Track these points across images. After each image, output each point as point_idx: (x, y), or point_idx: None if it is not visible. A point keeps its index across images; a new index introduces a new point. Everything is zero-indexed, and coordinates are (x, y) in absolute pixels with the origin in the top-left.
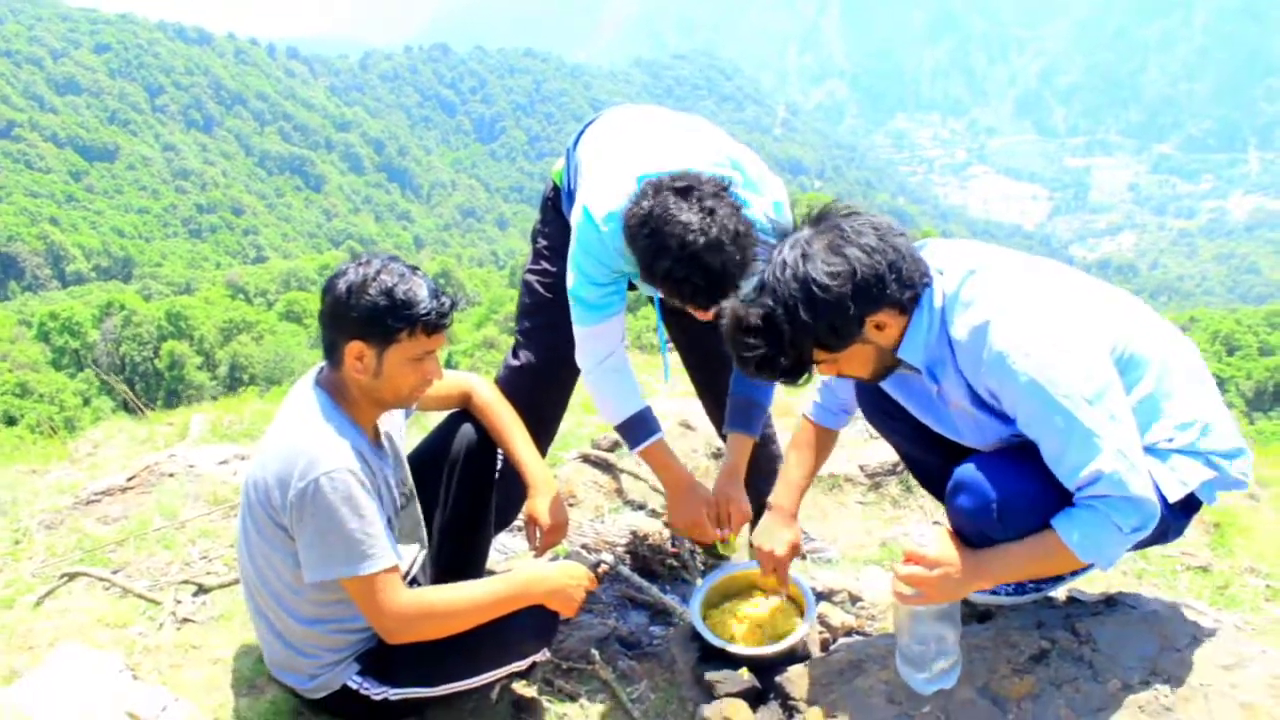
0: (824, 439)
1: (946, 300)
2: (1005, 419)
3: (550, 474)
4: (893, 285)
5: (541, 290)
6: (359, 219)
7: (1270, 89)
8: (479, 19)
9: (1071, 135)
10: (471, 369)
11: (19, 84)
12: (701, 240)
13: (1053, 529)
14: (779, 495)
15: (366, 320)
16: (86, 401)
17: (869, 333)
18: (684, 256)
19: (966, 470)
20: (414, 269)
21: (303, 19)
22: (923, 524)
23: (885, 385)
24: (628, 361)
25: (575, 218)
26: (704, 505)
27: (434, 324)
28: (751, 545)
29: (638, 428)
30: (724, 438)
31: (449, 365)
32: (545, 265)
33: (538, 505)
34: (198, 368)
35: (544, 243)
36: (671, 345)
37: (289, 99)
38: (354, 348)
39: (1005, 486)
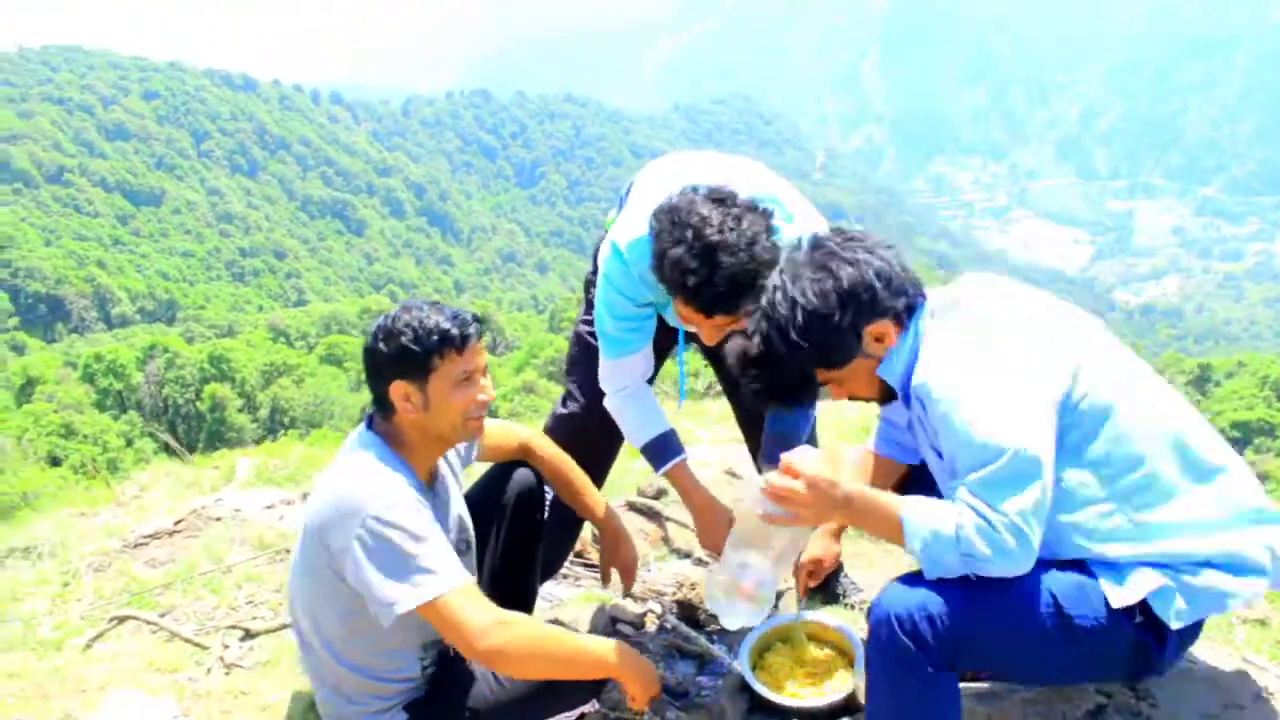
0: (888, 468)
1: (919, 330)
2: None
3: (618, 515)
4: (883, 293)
5: (591, 340)
6: (400, 263)
7: None
8: (519, 65)
9: (1113, 178)
10: (511, 414)
11: (70, 130)
12: (718, 237)
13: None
14: None
15: (400, 359)
16: (129, 443)
17: (869, 346)
18: (697, 248)
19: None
20: (434, 304)
21: (346, 65)
22: (807, 447)
23: None
24: (649, 390)
25: (603, 253)
26: (726, 521)
27: (461, 339)
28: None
29: (660, 449)
30: (755, 455)
31: (489, 410)
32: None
33: (620, 552)
34: (239, 410)
35: (592, 296)
36: (717, 390)
37: (331, 144)
38: (398, 389)
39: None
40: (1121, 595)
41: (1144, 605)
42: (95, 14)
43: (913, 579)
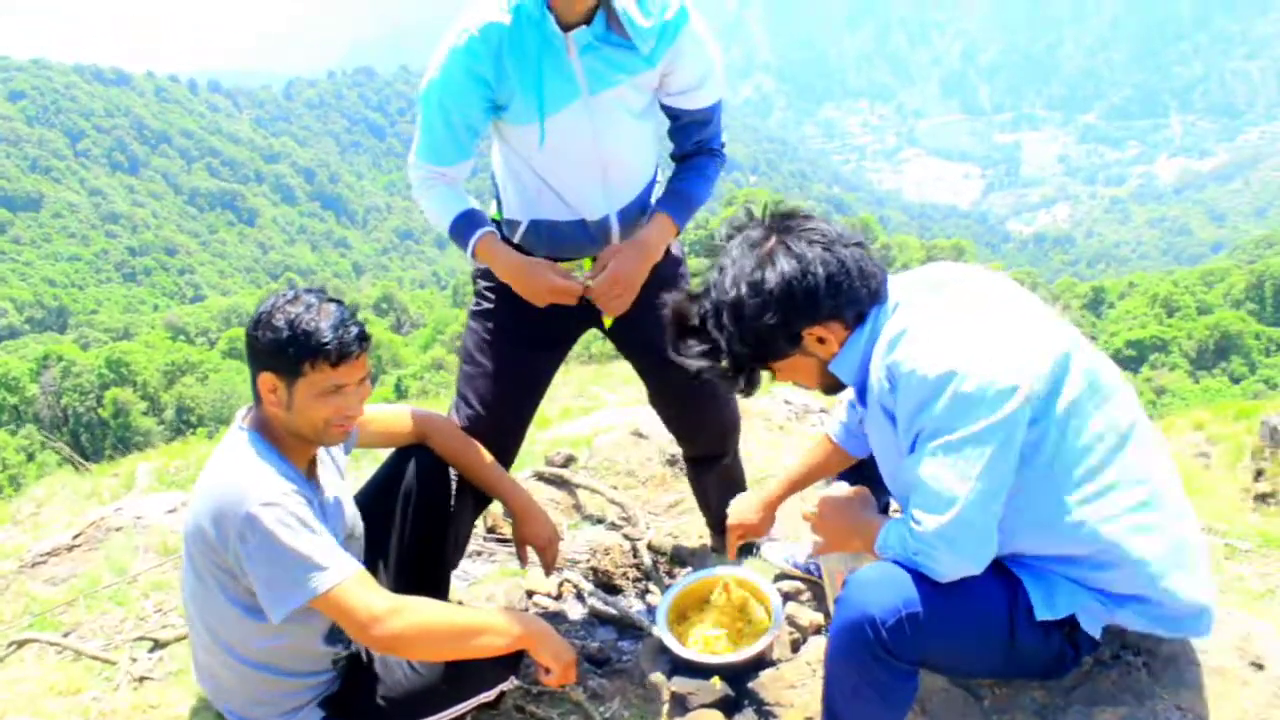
0: (837, 459)
1: (877, 326)
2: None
3: (528, 493)
4: (827, 300)
5: (481, 333)
6: (295, 250)
7: (1183, 53)
8: (400, 41)
9: (998, 112)
10: (421, 392)
11: None
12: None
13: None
14: (770, 481)
15: (272, 352)
16: (30, 457)
17: (809, 344)
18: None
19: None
20: (332, 300)
21: (222, 52)
22: (842, 483)
23: None
24: (459, 184)
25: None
26: (548, 270)
27: (335, 356)
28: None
29: (465, 227)
30: (678, 436)
31: (397, 389)
32: (485, 306)
33: (532, 530)
34: (143, 413)
35: (483, 283)
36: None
37: (214, 134)
38: (265, 379)
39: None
40: (1050, 611)
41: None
42: None
43: (888, 574)
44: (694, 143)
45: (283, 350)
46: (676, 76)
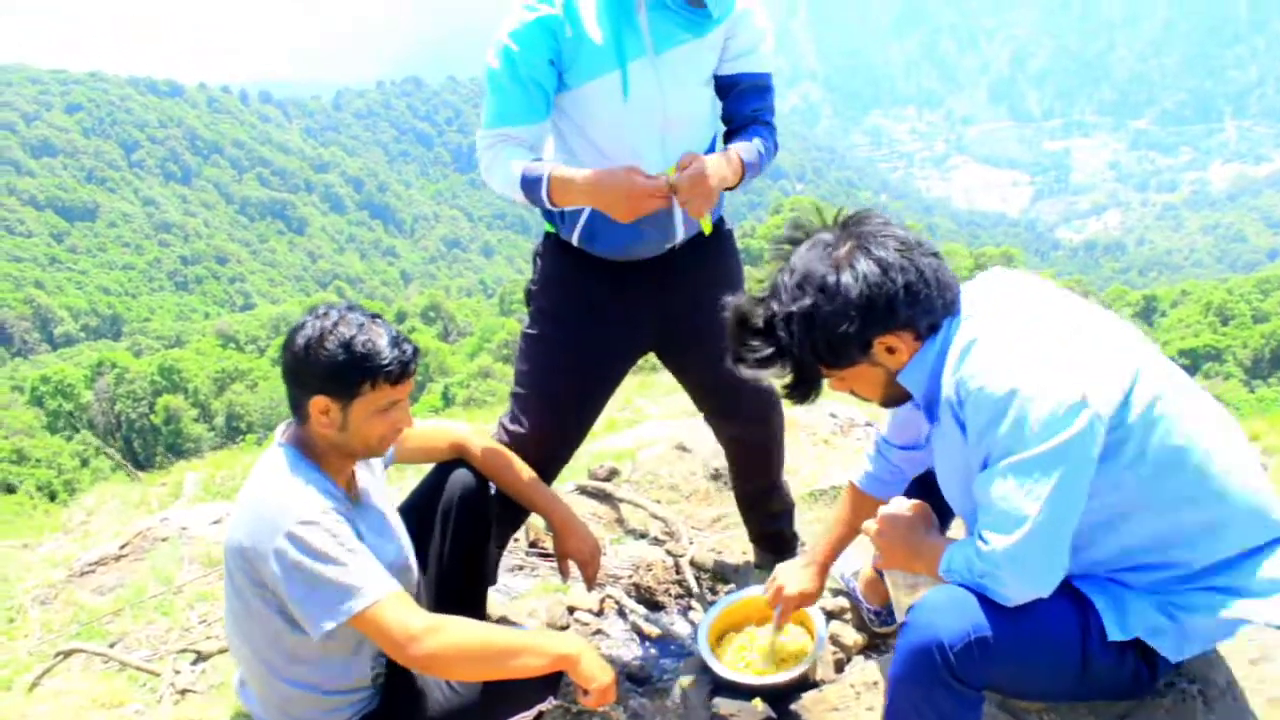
0: (870, 505)
1: (949, 338)
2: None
3: (570, 507)
4: (903, 309)
5: (537, 355)
6: (344, 258)
7: (1239, 56)
8: (449, 50)
9: (1047, 118)
10: (469, 400)
11: None
12: None
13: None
14: (814, 541)
15: (328, 375)
16: (85, 463)
17: (878, 354)
18: None
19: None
20: (374, 317)
21: (273, 62)
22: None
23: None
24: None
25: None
26: (633, 172)
27: (396, 374)
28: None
29: (534, 173)
30: (724, 442)
31: (444, 396)
32: (541, 330)
33: (573, 544)
34: (194, 420)
35: (538, 304)
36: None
37: (265, 144)
38: (318, 403)
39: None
40: (1123, 632)
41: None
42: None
43: (956, 597)
44: (752, 110)
45: (341, 372)
46: (738, 39)
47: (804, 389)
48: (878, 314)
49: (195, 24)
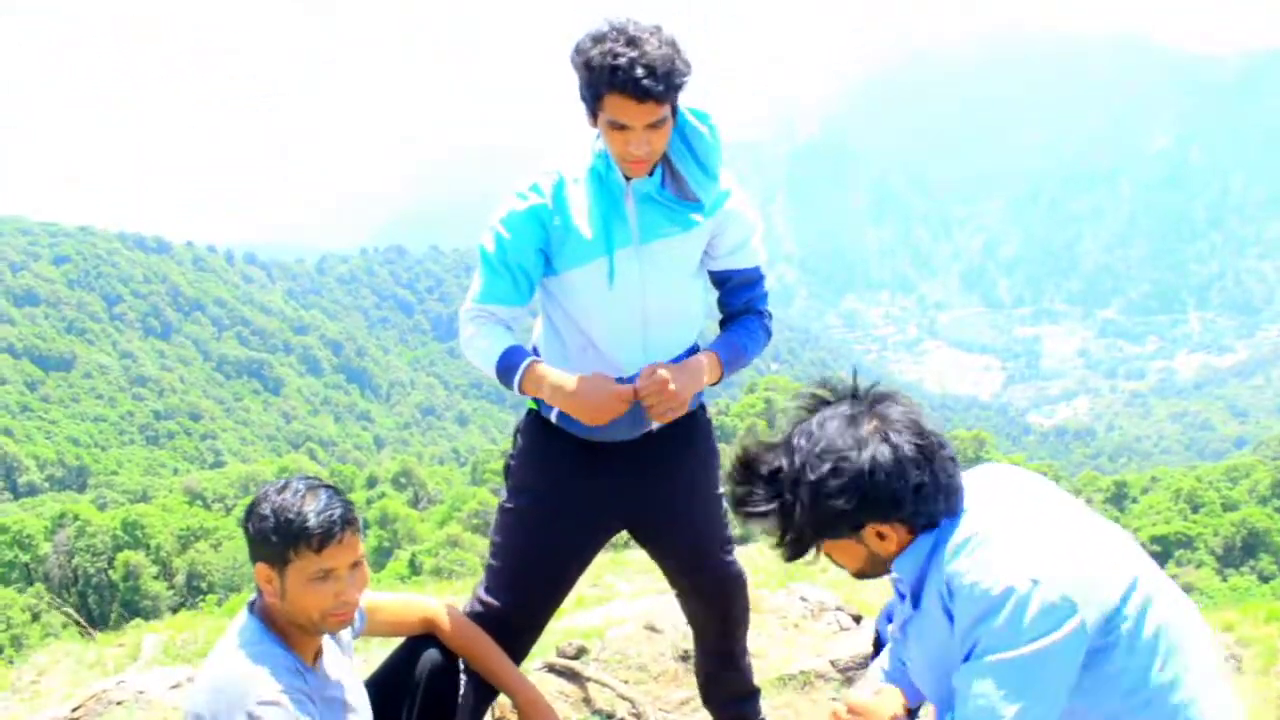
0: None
1: (944, 534)
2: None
3: (535, 688)
4: (906, 507)
5: (512, 530)
6: (318, 420)
7: (1199, 251)
8: (434, 220)
9: (1018, 305)
10: (436, 568)
11: None
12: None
13: None
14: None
15: (259, 541)
16: (36, 617)
17: (868, 537)
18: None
19: None
20: (324, 486)
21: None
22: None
23: None
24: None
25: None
26: (608, 382)
27: (320, 540)
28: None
29: (512, 357)
30: (689, 613)
31: (412, 565)
32: (517, 504)
33: None
34: (154, 577)
35: (516, 479)
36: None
37: (247, 304)
38: (260, 571)
39: None
40: None
41: None
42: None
43: None
44: (743, 302)
45: (267, 538)
46: (728, 236)
47: (794, 550)
48: (880, 504)
49: (194, 183)
